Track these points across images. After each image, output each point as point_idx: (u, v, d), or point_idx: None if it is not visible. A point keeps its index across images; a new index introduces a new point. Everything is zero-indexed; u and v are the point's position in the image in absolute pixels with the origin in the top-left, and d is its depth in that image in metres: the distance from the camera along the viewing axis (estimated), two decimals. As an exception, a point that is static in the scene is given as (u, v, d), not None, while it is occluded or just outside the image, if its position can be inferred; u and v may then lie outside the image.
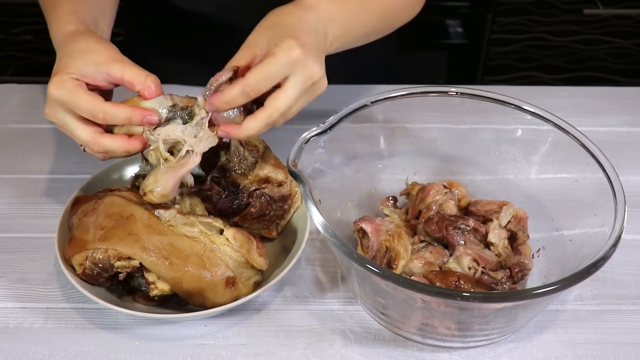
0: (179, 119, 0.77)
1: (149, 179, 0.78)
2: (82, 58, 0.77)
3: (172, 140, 0.77)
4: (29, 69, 2.06)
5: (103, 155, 0.79)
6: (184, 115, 0.77)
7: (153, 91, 0.77)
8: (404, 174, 0.94)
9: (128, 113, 0.75)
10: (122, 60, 0.78)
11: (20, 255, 0.88)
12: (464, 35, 2.04)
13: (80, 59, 0.76)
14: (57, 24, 0.82)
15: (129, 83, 0.77)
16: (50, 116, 0.78)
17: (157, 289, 0.77)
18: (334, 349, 0.79)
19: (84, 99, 0.75)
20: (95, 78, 0.77)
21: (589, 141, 0.84)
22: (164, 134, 0.77)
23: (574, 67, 2.04)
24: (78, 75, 0.76)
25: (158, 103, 0.77)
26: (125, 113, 0.75)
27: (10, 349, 0.78)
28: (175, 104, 0.78)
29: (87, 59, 0.76)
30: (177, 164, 0.77)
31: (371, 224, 0.82)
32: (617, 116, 1.14)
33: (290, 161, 0.81)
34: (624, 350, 0.79)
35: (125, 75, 0.76)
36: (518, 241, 0.86)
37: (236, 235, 0.79)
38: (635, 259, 0.90)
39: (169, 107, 0.77)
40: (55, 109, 0.77)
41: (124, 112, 0.75)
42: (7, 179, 1.00)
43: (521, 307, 0.73)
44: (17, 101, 1.15)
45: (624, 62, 2.06)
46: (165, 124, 0.77)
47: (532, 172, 0.91)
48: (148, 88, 0.77)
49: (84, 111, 0.75)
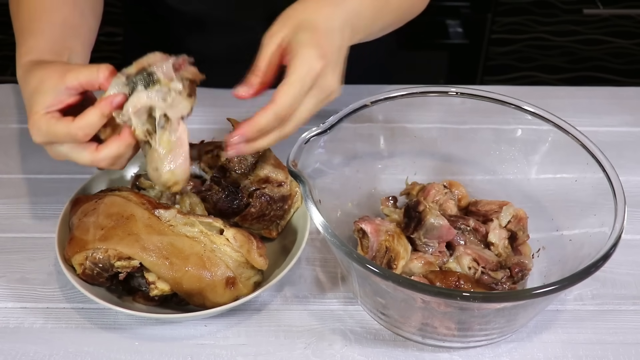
0: (140, 85, 0.73)
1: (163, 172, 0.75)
2: (39, 92, 0.75)
3: (143, 110, 0.73)
4: (29, 69, 2.06)
5: (118, 164, 0.77)
6: (143, 80, 0.73)
7: (107, 80, 0.74)
8: (404, 174, 0.94)
9: (97, 111, 0.73)
10: (70, 69, 0.75)
11: (20, 255, 0.88)
12: (464, 35, 2.04)
13: (38, 94, 0.75)
14: (17, 59, 0.82)
15: (88, 85, 0.75)
16: (52, 155, 0.77)
17: (157, 289, 0.77)
18: (334, 349, 0.79)
19: (59, 129, 0.73)
20: (61, 100, 0.75)
21: (589, 141, 0.84)
22: (131, 107, 0.73)
23: (574, 67, 2.04)
24: (45, 109, 0.74)
25: (115, 85, 0.73)
26: (95, 114, 0.73)
27: (10, 349, 0.78)
28: (129, 74, 0.74)
29: (43, 90, 0.75)
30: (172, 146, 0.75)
31: (371, 224, 0.82)
32: (617, 116, 1.14)
33: (290, 161, 0.81)
34: (624, 350, 0.79)
35: (81, 80, 0.74)
36: (518, 241, 0.86)
37: (236, 235, 0.79)
38: (635, 259, 0.90)
39: (124, 81, 0.74)
40: (48, 148, 0.76)
41: (94, 114, 0.73)
42: (7, 179, 1.00)
43: (521, 307, 0.73)
44: (17, 101, 1.14)
45: (624, 62, 2.06)
46: (129, 98, 0.73)
47: (532, 172, 0.91)
48: (104, 79, 0.74)
49: (66, 139, 0.74)
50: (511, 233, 0.86)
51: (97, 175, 0.91)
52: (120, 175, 0.93)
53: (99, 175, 0.91)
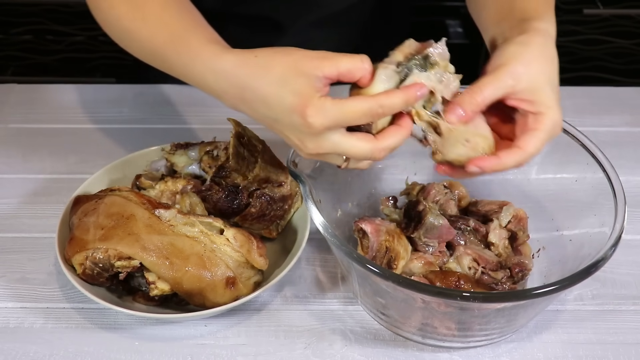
0: (415, 70, 0.69)
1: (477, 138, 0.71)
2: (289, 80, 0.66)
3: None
4: (29, 69, 2.06)
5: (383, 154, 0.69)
6: (418, 64, 0.69)
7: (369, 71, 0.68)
8: (404, 174, 0.94)
9: (402, 97, 0.67)
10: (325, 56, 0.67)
11: (20, 255, 0.88)
12: (464, 35, 2.04)
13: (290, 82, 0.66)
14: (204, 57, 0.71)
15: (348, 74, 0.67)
16: (314, 151, 0.69)
17: (157, 288, 0.77)
18: (334, 349, 0.79)
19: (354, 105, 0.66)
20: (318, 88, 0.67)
21: (589, 141, 0.84)
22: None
23: (574, 67, 2.04)
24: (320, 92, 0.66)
25: (383, 74, 0.68)
26: (400, 98, 0.67)
27: (10, 349, 0.78)
28: (399, 62, 0.69)
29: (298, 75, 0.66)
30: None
31: (371, 224, 0.82)
32: (617, 116, 1.14)
33: (290, 161, 0.81)
34: (624, 350, 0.79)
35: (341, 69, 0.66)
36: (518, 241, 0.86)
37: (236, 235, 0.79)
38: (635, 259, 0.90)
39: (394, 69, 0.69)
40: (321, 140, 0.68)
41: (399, 98, 0.67)
42: (7, 179, 1.00)
43: (521, 307, 0.73)
44: (17, 101, 1.15)
45: (624, 62, 2.06)
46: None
47: (532, 172, 0.91)
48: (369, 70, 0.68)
49: (362, 117, 0.66)
50: (511, 233, 0.86)
51: (97, 175, 0.91)
52: (121, 175, 0.93)
53: (99, 175, 0.91)
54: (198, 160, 0.90)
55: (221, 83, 0.70)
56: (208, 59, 0.71)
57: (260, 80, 0.67)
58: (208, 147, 0.90)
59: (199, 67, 0.72)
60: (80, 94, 1.16)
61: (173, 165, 0.91)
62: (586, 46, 2.02)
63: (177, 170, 0.91)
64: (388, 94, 0.67)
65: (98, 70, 2.10)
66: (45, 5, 2.06)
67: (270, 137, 0.87)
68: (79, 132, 1.09)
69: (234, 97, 0.70)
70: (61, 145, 1.06)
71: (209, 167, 0.88)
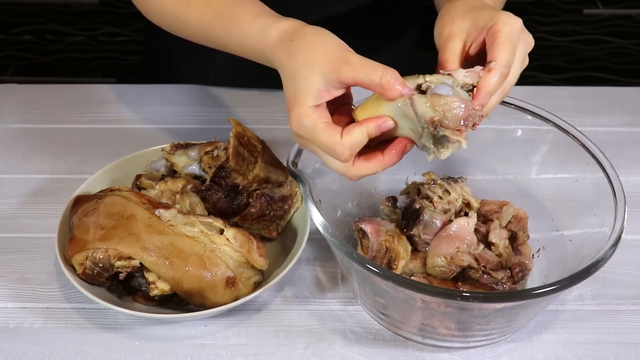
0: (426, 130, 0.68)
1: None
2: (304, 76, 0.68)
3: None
4: (29, 69, 2.07)
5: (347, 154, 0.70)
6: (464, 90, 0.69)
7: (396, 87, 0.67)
8: (404, 174, 0.94)
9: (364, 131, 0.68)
10: (347, 59, 0.67)
11: (20, 255, 0.88)
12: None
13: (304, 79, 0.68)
14: (254, 32, 0.74)
15: (365, 85, 0.67)
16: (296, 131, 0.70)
17: (157, 288, 0.77)
18: (334, 349, 0.79)
19: (324, 139, 0.68)
20: (330, 92, 0.68)
21: (589, 141, 0.84)
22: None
23: (574, 67, 2.04)
24: (313, 101, 0.68)
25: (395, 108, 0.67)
26: (362, 134, 0.68)
27: (10, 349, 0.78)
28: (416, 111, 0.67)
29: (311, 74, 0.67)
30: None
31: (371, 224, 0.82)
32: (617, 116, 1.14)
33: (290, 161, 0.81)
34: (624, 350, 0.79)
35: (358, 79, 0.67)
36: (518, 241, 0.86)
37: (236, 235, 0.79)
38: (635, 259, 0.90)
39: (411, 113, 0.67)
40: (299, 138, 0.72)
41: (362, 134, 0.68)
42: (7, 179, 1.00)
43: (521, 307, 0.73)
44: (17, 101, 1.14)
45: (624, 62, 2.06)
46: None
47: (532, 172, 0.91)
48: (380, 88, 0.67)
49: (327, 152, 0.69)
50: (511, 233, 0.86)
51: (97, 175, 0.91)
52: (121, 175, 0.93)
53: (99, 175, 0.91)
54: (198, 160, 0.90)
55: (269, 57, 0.73)
56: (258, 32, 0.73)
57: (283, 66, 0.71)
58: (208, 147, 0.90)
59: (251, 45, 0.75)
60: (80, 94, 1.16)
61: (173, 165, 0.91)
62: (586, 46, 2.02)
63: (177, 170, 0.91)
64: (350, 133, 0.67)
65: (98, 70, 2.11)
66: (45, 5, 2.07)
67: (270, 137, 0.87)
68: (79, 132, 1.09)
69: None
70: (61, 145, 1.06)
71: (208, 167, 0.88)
